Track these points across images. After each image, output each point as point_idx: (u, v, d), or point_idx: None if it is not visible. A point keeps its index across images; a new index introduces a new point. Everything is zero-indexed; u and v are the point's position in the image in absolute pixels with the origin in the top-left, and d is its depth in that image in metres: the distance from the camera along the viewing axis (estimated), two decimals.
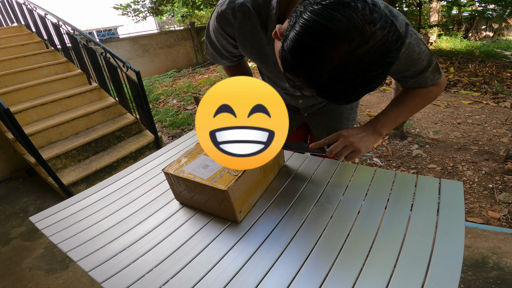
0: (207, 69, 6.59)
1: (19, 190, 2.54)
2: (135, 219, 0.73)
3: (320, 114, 0.98)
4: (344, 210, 0.68)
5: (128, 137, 2.71)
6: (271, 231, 0.64)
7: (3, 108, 1.64)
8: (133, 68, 2.38)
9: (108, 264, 0.60)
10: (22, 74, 2.84)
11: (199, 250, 0.61)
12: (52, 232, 0.71)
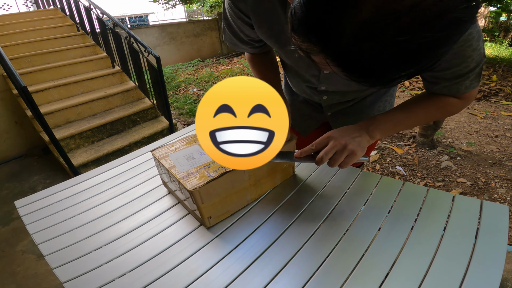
0: (230, 60, 6.55)
1: (32, 167, 2.61)
2: (121, 213, 0.67)
3: (346, 114, 0.85)
4: (360, 227, 0.57)
5: (143, 121, 2.72)
6: (267, 247, 0.55)
7: (20, 86, 1.65)
8: (154, 54, 2.38)
9: (78, 263, 0.54)
10: (50, 55, 2.91)
11: (182, 258, 0.54)
12: (31, 220, 0.67)
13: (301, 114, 0.91)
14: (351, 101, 0.82)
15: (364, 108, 0.83)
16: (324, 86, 0.72)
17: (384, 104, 0.84)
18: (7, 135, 2.70)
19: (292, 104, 0.93)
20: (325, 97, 0.78)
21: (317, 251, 0.53)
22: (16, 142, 2.76)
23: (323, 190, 0.69)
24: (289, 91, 0.92)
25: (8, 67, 1.77)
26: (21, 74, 2.55)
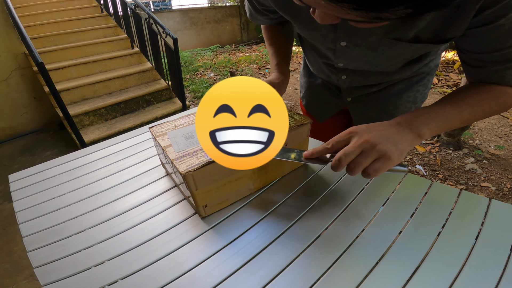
0: (250, 48, 6.44)
1: (46, 142, 2.67)
2: (112, 194, 0.62)
3: (368, 102, 0.74)
4: (379, 229, 0.49)
5: (157, 102, 2.73)
6: (267, 244, 0.48)
7: (37, 62, 1.66)
8: (172, 35, 2.35)
9: (55, 247, 0.50)
10: (73, 35, 2.96)
11: (169, 249, 0.48)
12: (20, 196, 0.63)
13: (318, 98, 0.82)
14: (375, 86, 0.70)
15: (390, 96, 0.72)
16: (341, 62, 0.62)
17: (415, 95, 0.72)
18: (25, 109, 2.77)
19: (309, 87, 0.84)
20: (343, 77, 0.68)
21: (324, 254, 0.45)
22: (34, 117, 2.84)
23: (337, 184, 0.61)
24: (307, 72, 0.84)
25: (28, 44, 1.79)
26: (43, 52, 2.60)
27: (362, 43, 0.53)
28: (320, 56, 0.67)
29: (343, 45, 0.55)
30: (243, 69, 4.49)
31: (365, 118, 0.77)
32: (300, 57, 5.08)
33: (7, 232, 1.73)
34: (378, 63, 0.58)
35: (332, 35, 0.54)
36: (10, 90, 2.65)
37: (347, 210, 0.54)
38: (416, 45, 0.48)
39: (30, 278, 1.43)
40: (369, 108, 0.75)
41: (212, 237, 0.50)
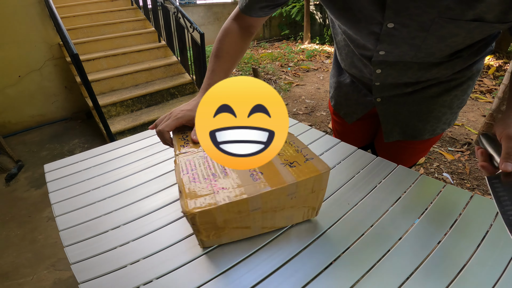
0: (271, 44, 6.40)
1: (74, 130, 2.77)
2: (145, 189, 0.63)
3: (400, 103, 0.70)
4: (414, 241, 0.47)
5: (181, 96, 2.77)
6: (299, 251, 0.47)
7: (72, 52, 1.72)
8: (199, 30, 2.38)
9: (91, 243, 0.51)
10: (104, 27, 3.05)
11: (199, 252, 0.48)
12: (55, 187, 0.65)
13: (347, 98, 0.80)
14: (410, 86, 0.66)
15: (424, 99, 0.67)
16: (383, 50, 0.57)
17: (452, 100, 0.67)
18: (55, 98, 2.90)
19: (338, 87, 0.81)
20: (379, 71, 0.63)
21: (354, 265, 0.44)
22: (63, 106, 2.96)
23: (371, 193, 0.58)
24: (337, 72, 0.81)
25: (64, 35, 1.85)
26: (77, 43, 2.70)
27: (412, 23, 0.49)
28: (357, 46, 0.63)
29: (390, 26, 0.51)
30: (265, 66, 4.47)
31: (394, 121, 0.73)
32: (323, 55, 5.00)
33: (32, 220, 1.73)
34: (426, 47, 0.53)
35: (378, 16, 0.51)
36: (43, 79, 2.77)
37: (382, 220, 0.52)
38: (473, 23, 0.45)
39: (51, 268, 1.43)
40: (400, 110, 0.71)
41: (219, 254, 0.48)
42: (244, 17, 0.66)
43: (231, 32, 0.67)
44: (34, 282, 1.38)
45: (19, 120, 2.75)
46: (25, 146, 2.54)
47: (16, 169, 2.16)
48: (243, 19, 0.67)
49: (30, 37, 2.59)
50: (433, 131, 0.72)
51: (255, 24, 0.68)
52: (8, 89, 2.62)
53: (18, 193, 1.97)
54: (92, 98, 1.86)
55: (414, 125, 0.71)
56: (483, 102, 3.09)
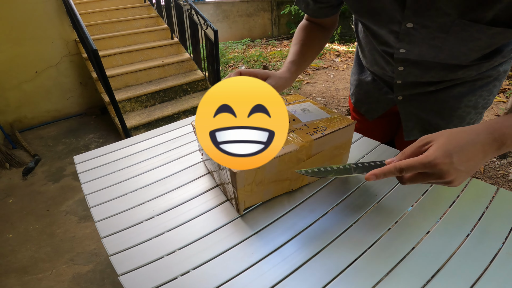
0: (280, 42, 6.38)
1: (89, 125, 2.81)
2: (175, 180, 0.64)
3: (422, 102, 0.68)
4: (435, 241, 0.47)
5: (193, 92, 2.80)
6: (312, 256, 0.47)
7: (91, 48, 1.74)
8: (213, 27, 2.38)
9: (127, 234, 0.51)
10: (118, 23, 3.08)
11: (236, 240, 0.48)
12: (87, 178, 0.66)
13: (368, 95, 0.79)
14: (433, 85, 0.64)
15: (448, 98, 0.65)
16: (404, 48, 0.57)
17: (477, 100, 0.64)
18: (71, 93, 2.95)
19: (359, 84, 0.80)
20: (401, 68, 0.62)
21: (376, 264, 0.43)
22: (78, 101, 3.01)
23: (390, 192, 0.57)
24: (358, 69, 0.80)
25: (83, 31, 1.88)
26: (93, 40, 2.71)
27: (431, 24, 0.48)
28: (379, 43, 0.62)
29: (409, 26, 0.51)
30: (275, 63, 4.46)
31: (416, 120, 0.72)
32: (333, 54, 4.96)
33: (50, 214, 1.75)
34: (447, 49, 0.52)
35: (398, 15, 0.50)
36: (59, 74, 2.82)
37: (403, 219, 0.51)
38: (495, 29, 0.43)
39: (70, 262, 1.44)
40: (422, 109, 0.69)
41: (255, 242, 0.49)
42: (316, 19, 0.68)
43: (304, 25, 0.69)
44: (53, 276, 1.38)
45: (35, 115, 2.81)
46: (41, 140, 2.59)
47: (33, 163, 2.20)
48: (315, 20, 0.69)
49: (47, 33, 2.63)
50: None
51: (329, 22, 0.70)
52: (25, 85, 2.67)
53: (36, 187, 2.01)
54: (109, 93, 1.88)
55: (436, 124, 0.70)
56: (497, 101, 3.02)
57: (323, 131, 0.54)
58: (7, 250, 1.53)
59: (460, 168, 0.36)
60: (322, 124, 0.57)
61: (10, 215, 1.76)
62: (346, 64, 4.44)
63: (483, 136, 0.37)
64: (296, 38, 0.68)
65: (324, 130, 0.55)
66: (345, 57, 4.81)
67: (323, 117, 0.60)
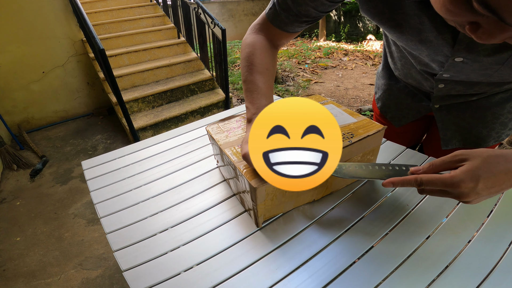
0: None
1: (96, 126, 2.79)
2: (190, 189, 0.59)
3: (462, 110, 0.64)
4: (442, 239, 0.44)
5: (201, 92, 2.76)
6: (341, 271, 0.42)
7: (99, 48, 1.72)
8: (220, 26, 2.34)
9: (140, 247, 0.48)
10: (125, 23, 3.06)
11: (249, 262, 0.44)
12: (96, 186, 0.63)
13: (398, 102, 0.73)
14: (476, 95, 0.60)
15: (490, 105, 0.61)
16: (448, 74, 0.52)
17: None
18: (78, 94, 2.93)
19: (388, 89, 0.74)
20: (441, 85, 0.57)
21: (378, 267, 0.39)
22: (86, 101, 3.00)
23: None
24: (387, 74, 0.74)
25: (90, 31, 1.85)
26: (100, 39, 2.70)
27: (485, 59, 0.44)
28: (418, 63, 0.56)
29: (458, 60, 0.46)
30: (282, 63, 4.41)
31: (455, 128, 0.66)
32: (341, 53, 4.88)
33: (58, 217, 1.73)
34: (500, 75, 0.48)
35: (446, 50, 0.46)
36: (66, 74, 2.81)
37: (407, 219, 0.49)
38: None
39: (79, 267, 1.41)
40: (462, 117, 0.64)
41: (278, 258, 0.45)
42: (275, 31, 0.56)
43: (263, 45, 0.55)
44: (62, 282, 1.36)
45: (43, 115, 2.80)
46: (49, 141, 2.58)
47: (40, 165, 2.18)
48: (273, 33, 0.56)
49: (54, 33, 2.62)
50: (498, 138, 0.65)
51: (286, 40, 0.58)
52: (33, 85, 2.66)
53: (43, 189, 1.99)
54: (117, 93, 1.85)
55: (477, 132, 0.64)
56: None
57: (349, 139, 0.50)
58: (15, 253, 1.51)
59: (482, 193, 0.34)
60: (348, 129, 0.53)
61: (18, 218, 1.75)
62: (355, 63, 4.37)
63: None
64: (259, 64, 0.53)
65: (351, 138, 0.50)
66: (353, 56, 4.73)
67: (349, 121, 0.55)
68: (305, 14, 0.50)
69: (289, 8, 0.50)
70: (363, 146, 0.52)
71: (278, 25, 0.54)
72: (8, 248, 1.54)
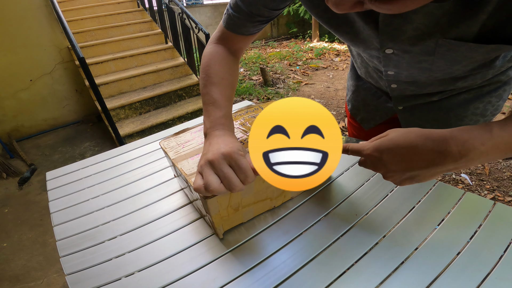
0: (280, 43, 6.33)
1: (85, 133, 2.80)
2: (146, 198, 0.61)
3: (425, 112, 0.63)
4: (433, 251, 0.43)
5: (188, 97, 2.77)
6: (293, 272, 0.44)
7: (79, 56, 1.73)
8: (204, 30, 2.37)
9: (87, 253, 0.50)
10: (112, 29, 3.07)
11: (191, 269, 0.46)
12: (56, 195, 0.65)
13: (365, 103, 0.74)
14: (435, 95, 0.59)
15: (453, 106, 0.59)
16: (391, 71, 0.53)
17: (485, 107, 0.58)
18: (67, 101, 2.95)
19: (356, 90, 0.75)
20: (394, 85, 0.58)
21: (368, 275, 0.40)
22: (75, 109, 3.01)
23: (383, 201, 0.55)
24: (355, 74, 0.75)
25: (71, 39, 1.87)
26: (85, 46, 2.72)
27: (412, 48, 0.44)
28: (369, 59, 0.57)
29: (389, 52, 0.47)
30: (273, 65, 4.43)
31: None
32: (332, 53, 4.91)
33: (44, 223, 1.77)
34: (439, 69, 0.48)
35: (374, 41, 0.46)
36: (54, 82, 2.82)
37: (394, 231, 0.48)
38: (487, 46, 0.38)
39: (61, 271, 1.42)
40: (425, 119, 0.63)
41: (232, 260, 0.46)
42: (231, 37, 0.55)
43: (219, 55, 0.54)
44: (44, 285, 1.40)
45: (32, 124, 2.81)
46: (38, 149, 2.59)
47: (29, 173, 2.20)
48: (230, 39, 0.56)
49: (39, 40, 2.63)
50: None
51: (244, 45, 0.57)
52: (21, 93, 2.67)
53: (31, 196, 2.01)
54: (100, 101, 1.87)
55: None
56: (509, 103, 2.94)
57: None
58: (1, 258, 1.55)
59: (391, 167, 0.37)
60: None
61: (6, 225, 1.78)
62: (346, 63, 4.39)
63: (433, 143, 0.34)
64: (214, 74, 0.51)
65: None
66: (345, 56, 4.75)
67: None
68: (257, 14, 0.51)
69: (240, 9, 0.50)
70: None
71: (232, 29, 0.53)
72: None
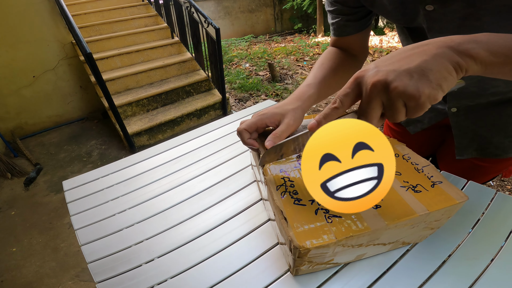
0: (284, 38, 6.25)
1: (91, 131, 2.73)
2: (180, 213, 0.55)
3: (481, 115, 0.56)
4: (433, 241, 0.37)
5: (196, 93, 2.69)
6: None
7: (85, 52, 1.66)
8: (214, 25, 2.28)
9: (125, 278, 0.43)
10: (116, 24, 2.98)
11: None
12: (77, 209, 0.58)
13: None
14: (498, 95, 0.53)
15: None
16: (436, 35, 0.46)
17: None
18: (71, 98, 2.87)
19: None
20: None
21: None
22: (79, 105, 2.93)
23: None
24: None
25: (76, 34, 1.79)
26: (90, 41, 2.64)
27: (454, 3, 0.41)
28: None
29: (429, 9, 0.43)
30: (280, 60, 4.34)
31: (472, 136, 0.60)
32: None
33: (54, 227, 1.69)
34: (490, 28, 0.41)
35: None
36: (58, 79, 2.74)
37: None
38: None
39: (76, 279, 1.39)
40: (480, 123, 0.57)
41: None
42: (341, 40, 0.60)
43: (327, 51, 0.60)
44: None
45: (36, 121, 2.74)
46: (43, 147, 2.53)
47: (34, 173, 2.13)
48: (341, 42, 0.60)
49: (42, 36, 2.54)
50: None
51: (354, 43, 0.60)
52: (24, 90, 2.60)
53: (38, 197, 1.94)
54: (108, 98, 1.79)
55: (498, 141, 0.58)
56: None
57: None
58: (11, 264, 1.49)
59: (386, 68, 0.32)
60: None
61: (14, 228, 1.72)
62: None
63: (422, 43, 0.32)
64: (317, 62, 0.59)
65: None
66: None
67: None
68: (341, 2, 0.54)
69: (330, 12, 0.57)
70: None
71: (338, 34, 0.59)
72: (4, 258, 1.52)
